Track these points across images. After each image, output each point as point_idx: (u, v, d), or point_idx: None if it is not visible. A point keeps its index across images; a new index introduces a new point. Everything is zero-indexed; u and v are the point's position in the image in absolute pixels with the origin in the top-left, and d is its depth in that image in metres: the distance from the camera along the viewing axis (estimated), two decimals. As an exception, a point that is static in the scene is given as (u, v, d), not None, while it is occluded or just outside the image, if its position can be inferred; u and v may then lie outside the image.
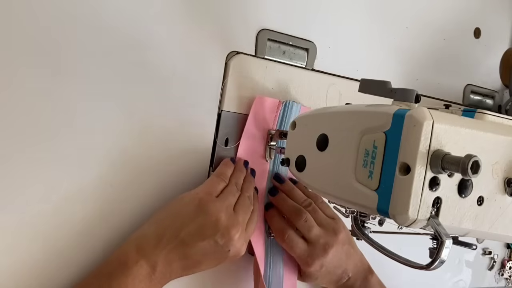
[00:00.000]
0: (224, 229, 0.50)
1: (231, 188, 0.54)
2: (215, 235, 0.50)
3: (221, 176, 0.55)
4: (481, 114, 0.44)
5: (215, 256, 0.51)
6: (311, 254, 0.59)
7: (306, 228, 0.59)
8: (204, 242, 0.49)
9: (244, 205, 0.54)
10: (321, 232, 0.60)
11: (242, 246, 0.52)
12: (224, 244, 0.50)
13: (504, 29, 0.90)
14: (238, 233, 0.51)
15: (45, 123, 0.48)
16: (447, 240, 0.37)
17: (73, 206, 0.50)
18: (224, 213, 0.51)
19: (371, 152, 0.41)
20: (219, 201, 0.52)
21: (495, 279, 0.93)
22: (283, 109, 0.63)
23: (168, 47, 0.55)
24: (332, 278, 0.62)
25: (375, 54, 0.73)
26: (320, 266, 0.60)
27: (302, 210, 0.60)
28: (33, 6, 0.47)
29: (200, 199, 0.51)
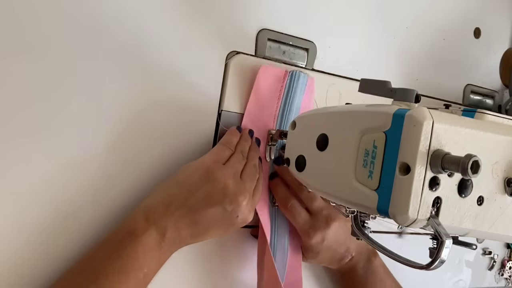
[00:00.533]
0: (232, 196, 0.50)
1: (238, 156, 0.54)
2: (223, 202, 0.50)
3: (227, 144, 0.55)
4: (481, 114, 0.44)
5: (224, 223, 0.51)
6: (312, 226, 0.59)
7: (310, 198, 0.59)
8: (212, 209, 0.50)
9: (251, 172, 0.54)
10: (325, 205, 0.60)
11: (250, 213, 0.52)
12: (233, 210, 0.50)
13: (504, 29, 0.90)
14: (246, 200, 0.51)
15: (44, 123, 0.48)
16: (447, 240, 0.37)
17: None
18: (231, 180, 0.51)
19: (371, 152, 0.41)
20: (226, 168, 0.52)
21: (495, 279, 0.93)
22: (289, 79, 0.62)
23: (168, 47, 0.55)
24: (335, 256, 0.62)
25: (375, 54, 0.73)
26: (322, 239, 0.60)
27: None
28: (33, 6, 0.47)
29: (207, 167, 0.51)
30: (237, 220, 0.51)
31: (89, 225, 0.51)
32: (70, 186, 0.50)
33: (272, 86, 0.61)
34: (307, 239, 0.60)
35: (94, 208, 0.52)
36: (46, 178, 0.49)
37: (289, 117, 0.63)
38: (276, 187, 0.61)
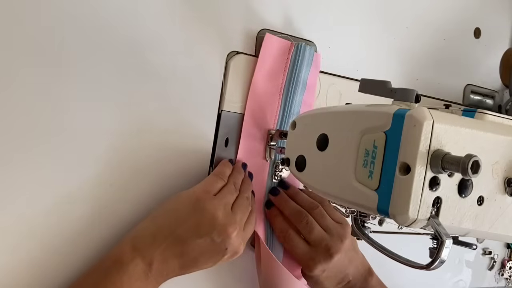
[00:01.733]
0: (221, 227, 0.50)
1: (230, 187, 0.54)
2: (211, 233, 0.49)
3: (220, 175, 0.55)
4: (481, 114, 0.44)
5: (212, 254, 0.50)
6: (312, 258, 0.59)
7: (307, 229, 0.59)
8: (200, 240, 0.49)
9: (242, 204, 0.54)
10: (324, 236, 0.59)
11: (240, 245, 0.52)
12: (221, 241, 0.50)
13: (504, 29, 0.90)
14: (236, 232, 0.50)
15: (44, 123, 0.48)
16: (447, 240, 0.37)
17: (72, 205, 0.50)
18: (221, 211, 0.50)
19: (371, 152, 0.41)
20: (217, 199, 0.51)
21: (495, 279, 0.93)
22: (295, 51, 0.61)
23: (168, 47, 0.55)
24: (333, 282, 0.62)
25: (375, 54, 0.73)
26: (322, 271, 0.59)
27: (303, 212, 0.59)
28: (33, 6, 0.47)
29: (197, 197, 0.51)
30: (226, 252, 0.50)
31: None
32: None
33: (278, 57, 0.61)
34: (308, 270, 0.60)
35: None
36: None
37: (295, 91, 0.62)
38: (274, 218, 0.61)
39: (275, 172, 0.62)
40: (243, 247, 0.53)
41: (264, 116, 0.61)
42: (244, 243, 0.53)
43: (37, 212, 0.48)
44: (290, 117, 0.62)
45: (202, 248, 0.50)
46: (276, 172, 0.62)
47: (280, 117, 0.62)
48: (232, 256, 0.52)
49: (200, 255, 0.50)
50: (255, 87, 0.60)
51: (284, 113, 0.62)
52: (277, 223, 0.61)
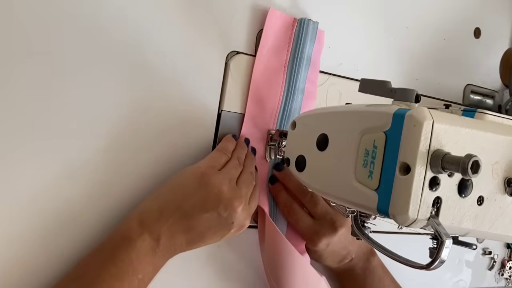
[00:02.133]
0: (227, 201, 0.50)
1: (234, 162, 0.54)
2: (218, 207, 0.49)
3: (223, 150, 0.55)
4: (481, 114, 0.44)
5: (219, 229, 0.50)
6: (317, 231, 0.59)
7: (312, 202, 0.59)
8: (207, 214, 0.49)
9: (247, 179, 0.54)
10: (329, 209, 0.59)
11: (246, 219, 0.52)
12: (228, 216, 0.50)
13: (504, 29, 0.90)
14: (241, 205, 0.50)
15: (44, 123, 0.48)
16: (447, 240, 0.37)
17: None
18: (226, 186, 0.50)
19: (371, 152, 0.41)
20: (222, 174, 0.51)
21: (495, 279, 0.93)
22: (298, 26, 0.61)
23: (168, 47, 0.55)
24: (336, 258, 0.62)
25: (375, 54, 0.73)
26: (327, 245, 0.59)
27: None
28: (33, 6, 0.47)
29: (202, 172, 0.51)
30: (232, 226, 0.50)
31: (86, 232, 0.51)
32: (66, 191, 0.50)
33: (282, 33, 0.61)
34: (312, 245, 0.60)
35: (91, 213, 0.51)
36: (44, 183, 0.49)
37: (299, 66, 0.62)
38: (277, 193, 0.61)
39: (279, 147, 0.62)
40: (249, 221, 0.53)
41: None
42: (249, 217, 0.53)
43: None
44: (295, 94, 0.62)
45: (209, 222, 0.49)
46: (281, 147, 0.62)
47: (285, 94, 0.62)
48: (238, 230, 0.52)
49: (207, 230, 0.50)
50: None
51: (289, 89, 0.62)
52: (281, 197, 0.60)
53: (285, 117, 0.62)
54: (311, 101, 0.65)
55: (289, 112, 0.62)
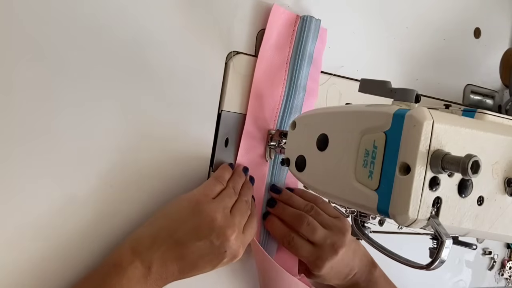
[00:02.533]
0: (220, 229, 0.50)
1: (229, 191, 0.54)
2: (210, 235, 0.49)
3: (219, 178, 0.55)
4: (481, 114, 0.44)
5: (212, 258, 0.50)
6: (319, 256, 0.59)
7: (310, 231, 0.59)
8: (200, 242, 0.49)
9: (241, 208, 0.54)
10: (327, 233, 0.59)
11: (239, 248, 0.52)
12: (220, 244, 0.50)
13: (504, 29, 0.90)
14: (234, 234, 0.50)
15: (45, 124, 0.48)
16: (447, 240, 0.37)
17: (72, 206, 0.50)
18: (219, 214, 0.50)
19: (371, 152, 0.41)
20: (215, 202, 0.51)
21: (495, 279, 0.93)
22: (301, 23, 0.61)
23: (168, 47, 0.55)
24: (340, 276, 0.62)
25: (375, 54, 0.73)
26: (331, 268, 0.60)
27: (303, 214, 0.59)
28: (33, 6, 0.47)
29: (197, 200, 0.51)
30: (225, 255, 0.50)
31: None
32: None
33: (284, 29, 0.61)
34: (317, 270, 0.60)
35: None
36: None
37: (301, 64, 0.62)
38: (273, 226, 0.61)
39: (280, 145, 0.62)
40: (243, 250, 0.52)
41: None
42: (243, 246, 0.53)
43: (38, 215, 0.48)
44: (296, 91, 0.62)
45: (201, 251, 0.49)
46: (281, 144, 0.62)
47: (287, 91, 0.62)
48: (231, 260, 0.52)
49: (199, 258, 0.50)
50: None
51: (291, 86, 0.62)
52: (278, 230, 0.60)
53: (286, 115, 0.62)
54: (312, 98, 0.65)
55: (291, 109, 0.62)
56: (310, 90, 0.64)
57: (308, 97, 0.64)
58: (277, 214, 0.61)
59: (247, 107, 0.60)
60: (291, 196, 0.62)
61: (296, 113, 0.63)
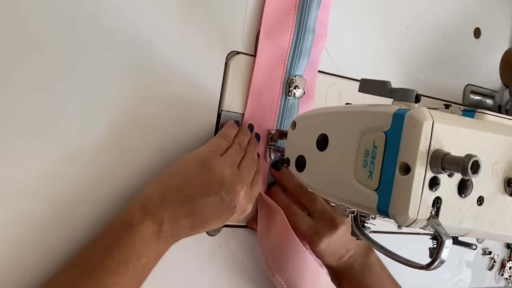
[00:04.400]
0: (229, 185, 0.50)
1: (235, 147, 0.54)
2: (220, 191, 0.49)
3: (225, 136, 0.55)
4: (481, 114, 0.44)
5: (222, 212, 0.50)
6: (317, 231, 0.59)
7: (310, 201, 0.59)
8: (209, 198, 0.49)
9: (249, 164, 0.54)
10: (327, 207, 0.59)
11: (248, 203, 0.52)
12: (230, 199, 0.50)
13: (504, 29, 0.90)
14: (244, 189, 0.51)
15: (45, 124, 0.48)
16: (447, 240, 0.37)
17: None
18: (228, 170, 0.50)
19: (371, 152, 0.41)
20: (223, 159, 0.52)
21: (495, 279, 0.93)
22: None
23: (168, 47, 0.55)
24: (335, 256, 0.62)
25: (375, 54, 0.73)
26: (328, 245, 0.59)
27: None
28: (33, 6, 0.47)
29: (204, 157, 0.51)
30: (235, 209, 0.50)
31: (87, 219, 0.51)
32: (68, 180, 0.50)
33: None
34: (313, 245, 0.60)
35: (94, 202, 0.51)
36: (44, 173, 0.49)
37: (311, 4, 0.61)
38: (275, 195, 0.61)
39: (289, 89, 0.61)
40: (251, 206, 0.53)
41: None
42: (251, 202, 0.53)
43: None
44: (306, 34, 0.62)
45: (211, 206, 0.49)
46: (290, 88, 0.62)
47: (296, 35, 0.61)
48: (241, 215, 0.52)
49: (209, 214, 0.50)
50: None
51: (300, 29, 0.61)
52: (278, 199, 0.60)
53: (295, 58, 0.62)
54: (322, 42, 0.64)
55: (300, 53, 0.62)
56: (318, 34, 0.64)
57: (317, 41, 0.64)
58: (281, 178, 0.61)
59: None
60: (291, 174, 0.61)
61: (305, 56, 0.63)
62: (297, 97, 0.63)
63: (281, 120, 0.62)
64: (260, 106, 0.61)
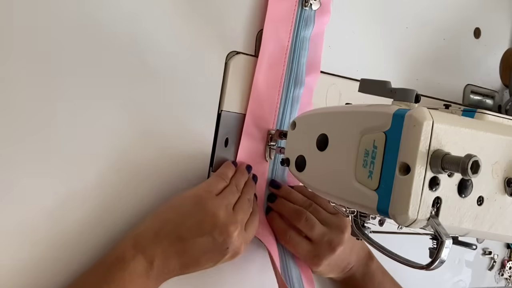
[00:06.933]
0: (222, 226, 0.50)
1: (231, 188, 0.54)
2: (213, 231, 0.49)
3: (222, 176, 0.55)
4: (481, 114, 0.44)
5: (214, 254, 0.50)
6: (317, 254, 0.59)
7: (308, 227, 0.59)
8: (202, 238, 0.49)
9: (244, 205, 0.54)
10: (325, 230, 0.59)
11: (241, 245, 0.52)
12: (223, 241, 0.50)
13: (504, 29, 0.90)
14: (237, 231, 0.51)
15: (44, 124, 0.48)
16: (447, 240, 0.37)
17: (72, 203, 0.50)
18: (222, 210, 0.50)
19: (371, 152, 0.41)
20: (218, 199, 0.52)
21: (495, 279, 0.93)
22: None
23: (168, 47, 0.55)
24: (336, 271, 0.62)
25: (375, 54, 0.73)
26: (327, 265, 0.60)
27: (301, 210, 0.59)
28: (33, 6, 0.47)
29: (200, 196, 0.51)
30: (227, 251, 0.50)
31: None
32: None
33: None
34: (314, 267, 0.61)
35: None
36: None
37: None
38: (272, 222, 0.61)
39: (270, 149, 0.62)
40: (244, 247, 0.53)
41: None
42: (245, 243, 0.53)
43: (38, 213, 0.48)
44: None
45: (203, 247, 0.50)
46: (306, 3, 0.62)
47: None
48: (233, 257, 0.52)
49: (201, 254, 0.50)
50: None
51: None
52: (276, 225, 0.61)
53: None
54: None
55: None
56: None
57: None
58: (276, 209, 0.61)
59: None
60: (290, 192, 0.62)
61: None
62: (314, 8, 0.62)
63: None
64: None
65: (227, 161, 0.58)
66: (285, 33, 0.61)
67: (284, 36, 0.61)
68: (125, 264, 0.47)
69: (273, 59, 0.61)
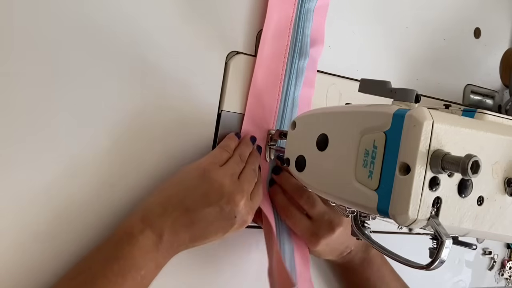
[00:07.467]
0: (229, 195, 0.50)
1: (235, 158, 0.54)
2: (220, 201, 0.49)
3: (225, 147, 0.55)
4: (481, 114, 0.44)
5: (222, 223, 0.50)
6: (315, 233, 0.59)
7: (309, 204, 0.59)
8: (209, 208, 0.49)
9: (249, 175, 0.54)
10: (326, 209, 0.59)
11: (248, 214, 0.52)
12: (230, 210, 0.50)
13: (504, 29, 0.90)
14: (243, 200, 0.51)
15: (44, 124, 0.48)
16: (447, 240, 0.37)
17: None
18: (228, 180, 0.51)
19: (371, 152, 0.41)
20: (223, 169, 0.52)
21: (495, 279, 0.93)
22: None
23: (168, 47, 0.55)
24: (334, 252, 0.62)
25: (375, 54, 0.73)
26: (326, 245, 0.60)
27: (304, 188, 0.59)
28: (33, 6, 0.47)
29: (204, 168, 0.51)
30: (235, 220, 0.50)
31: (88, 230, 0.51)
32: (70, 189, 0.50)
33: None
34: (312, 246, 0.60)
35: (93, 212, 0.51)
36: (47, 181, 0.49)
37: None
38: (275, 196, 0.61)
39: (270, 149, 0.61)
40: (251, 217, 0.52)
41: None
42: (252, 213, 0.53)
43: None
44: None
45: (211, 217, 0.49)
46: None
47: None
48: (241, 226, 0.52)
49: (209, 225, 0.50)
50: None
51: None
52: (278, 200, 0.61)
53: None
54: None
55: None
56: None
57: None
58: (280, 182, 0.61)
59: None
60: (290, 177, 0.61)
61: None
62: None
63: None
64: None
65: (230, 133, 0.58)
66: (289, 5, 0.61)
67: (289, 7, 0.61)
68: (134, 239, 0.47)
69: (278, 31, 0.61)
